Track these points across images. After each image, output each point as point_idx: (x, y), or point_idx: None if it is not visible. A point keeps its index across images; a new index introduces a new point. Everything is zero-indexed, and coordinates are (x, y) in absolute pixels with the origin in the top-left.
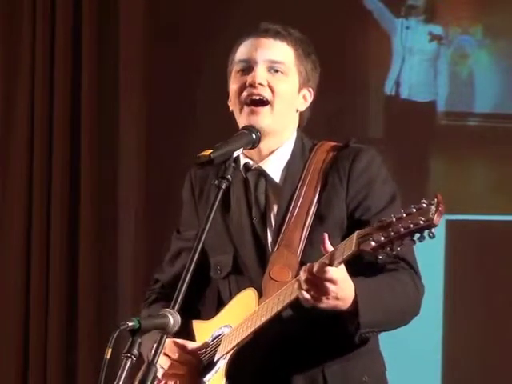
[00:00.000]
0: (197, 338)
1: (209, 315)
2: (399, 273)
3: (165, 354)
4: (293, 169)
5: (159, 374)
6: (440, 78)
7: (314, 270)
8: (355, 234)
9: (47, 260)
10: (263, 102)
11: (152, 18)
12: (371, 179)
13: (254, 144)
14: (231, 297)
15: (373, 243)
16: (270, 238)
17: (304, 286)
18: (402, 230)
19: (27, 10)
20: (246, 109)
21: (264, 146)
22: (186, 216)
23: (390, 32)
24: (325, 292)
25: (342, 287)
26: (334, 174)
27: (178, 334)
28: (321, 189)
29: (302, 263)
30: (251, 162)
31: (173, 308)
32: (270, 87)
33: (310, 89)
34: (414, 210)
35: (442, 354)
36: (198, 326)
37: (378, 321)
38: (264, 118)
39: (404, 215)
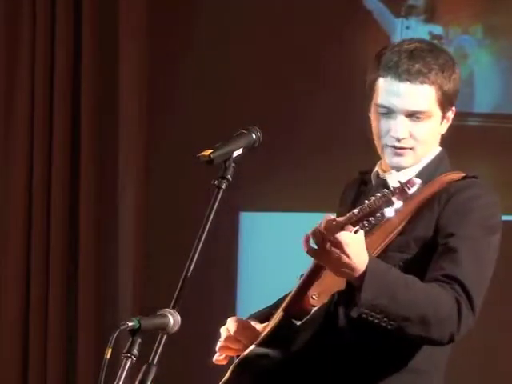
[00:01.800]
0: None
1: None
2: (442, 288)
3: (227, 329)
4: None
5: (218, 345)
6: None
7: (322, 226)
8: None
9: (47, 260)
10: (406, 148)
11: (152, 17)
12: (469, 210)
13: (255, 144)
14: None
15: (354, 218)
16: None
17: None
18: (374, 206)
19: (27, 10)
20: (389, 150)
21: None
22: None
23: (389, 32)
24: (329, 252)
25: (348, 252)
26: (437, 197)
27: None
28: (420, 207)
29: None
30: (381, 173)
31: (173, 308)
32: (412, 135)
33: (453, 107)
34: (392, 189)
35: None
36: None
37: (382, 307)
38: (407, 160)
39: (386, 192)
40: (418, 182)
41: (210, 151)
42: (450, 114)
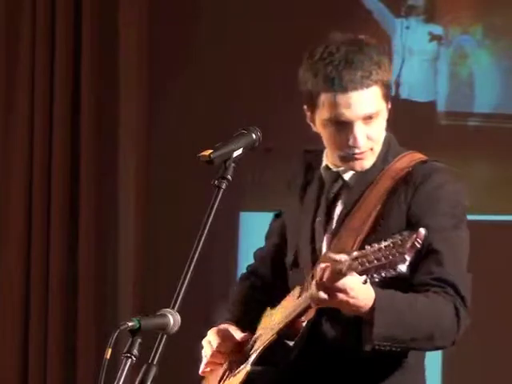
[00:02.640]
0: (261, 323)
1: None
2: (439, 297)
3: (209, 343)
4: (368, 173)
5: (204, 360)
6: (440, 78)
7: (325, 277)
8: (352, 255)
9: (47, 260)
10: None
11: (152, 17)
12: (439, 199)
13: (255, 144)
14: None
15: (359, 267)
16: (325, 240)
17: (316, 291)
18: (383, 259)
19: (27, 10)
20: (349, 157)
21: None
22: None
23: (389, 32)
24: (335, 299)
25: (354, 295)
26: (403, 187)
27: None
28: (386, 198)
29: None
30: (332, 166)
31: (173, 308)
32: (369, 138)
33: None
34: (399, 242)
35: (442, 355)
36: (265, 312)
37: (393, 336)
38: (367, 162)
39: (391, 244)
40: (424, 232)
41: (210, 151)
42: (389, 100)
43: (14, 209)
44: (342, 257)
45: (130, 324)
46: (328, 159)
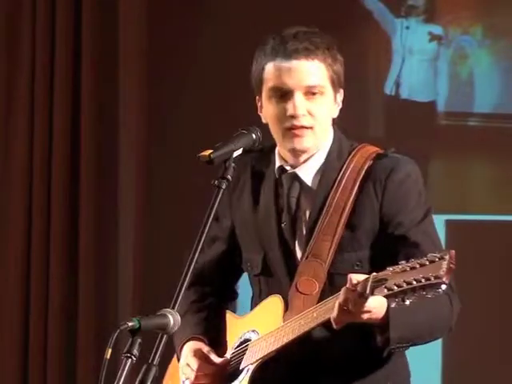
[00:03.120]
0: (228, 331)
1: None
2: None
3: (188, 366)
4: (328, 173)
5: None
6: (440, 78)
7: (350, 306)
8: (371, 277)
9: (47, 260)
10: (305, 127)
11: (152, 16)
12: (406, 193)
13: (255, 144)
14: (261, 297)
15: (385, 290)
16: (297, 245)
17: (338, 313)
18: (415, 282)
19: (27, 10)
20: (289, 134)
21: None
22: (223, 205)
23: (389, 32)
24: (360, 320)
25: (377, 311)
26: (370, 184)
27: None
28: (355, 197)
29: (330, 274)
30: (286, 166)
31: (173, 308)
32: (310, 113)
33: (341, 89)
34: (427, 263)
35: (441, 354)
36: (230, 319)
37: (407, 337)
38: (307, 141)
39: (417, 266)
40: (454, 252)
41: (210, 151)
42: (340, 97)
43: (14, 209)
44: (358, 277)
45: (130, 324)
46: (280, 158)
